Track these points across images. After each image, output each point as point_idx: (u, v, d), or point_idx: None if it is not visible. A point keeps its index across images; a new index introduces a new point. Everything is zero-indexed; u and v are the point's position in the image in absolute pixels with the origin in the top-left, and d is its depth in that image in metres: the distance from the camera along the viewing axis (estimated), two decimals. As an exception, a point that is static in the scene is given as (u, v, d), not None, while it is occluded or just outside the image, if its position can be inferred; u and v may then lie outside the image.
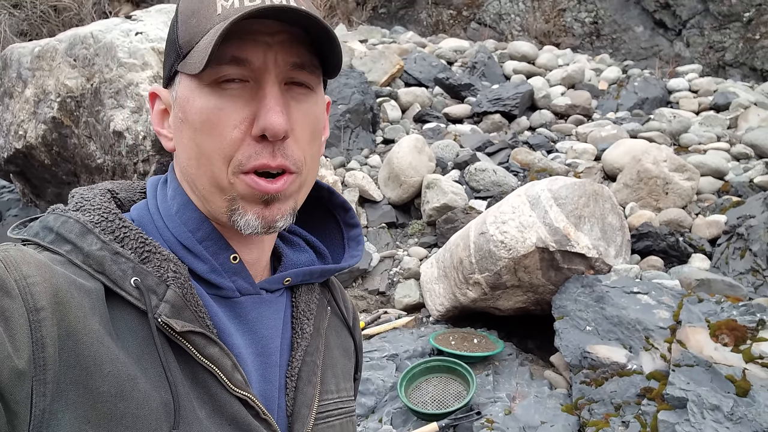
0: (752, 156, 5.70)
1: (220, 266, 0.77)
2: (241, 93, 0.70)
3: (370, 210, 5.51)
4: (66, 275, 0.63)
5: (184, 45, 0.72)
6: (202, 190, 0.74)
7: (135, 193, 0.84)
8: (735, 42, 10.27)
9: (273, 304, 0.82)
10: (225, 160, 0.70)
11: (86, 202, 0.73)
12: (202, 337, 0.69)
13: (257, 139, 0.70)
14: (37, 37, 12.98)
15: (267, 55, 0.69)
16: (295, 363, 0.81)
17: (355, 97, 6.53)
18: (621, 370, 3.05)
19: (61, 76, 3.96)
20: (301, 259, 0.90)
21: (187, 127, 0.72)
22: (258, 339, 0.78)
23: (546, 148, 6.33)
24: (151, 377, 0.65)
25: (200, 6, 0.71)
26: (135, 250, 0.70)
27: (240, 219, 0.72)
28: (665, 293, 3.35)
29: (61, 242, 0.68)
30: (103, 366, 0.61)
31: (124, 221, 0.72)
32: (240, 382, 0.71)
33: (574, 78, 8.11)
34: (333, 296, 0.94)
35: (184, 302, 0.69)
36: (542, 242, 3.53)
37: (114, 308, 0.66)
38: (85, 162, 4.04)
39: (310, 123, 0.75)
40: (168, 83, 0.77)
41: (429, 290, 4.29)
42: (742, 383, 2.68)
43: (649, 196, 4.73)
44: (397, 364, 3.61)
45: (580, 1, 12.09)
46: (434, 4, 13.67)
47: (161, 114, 0.80)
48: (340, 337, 0.94)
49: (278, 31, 0.70)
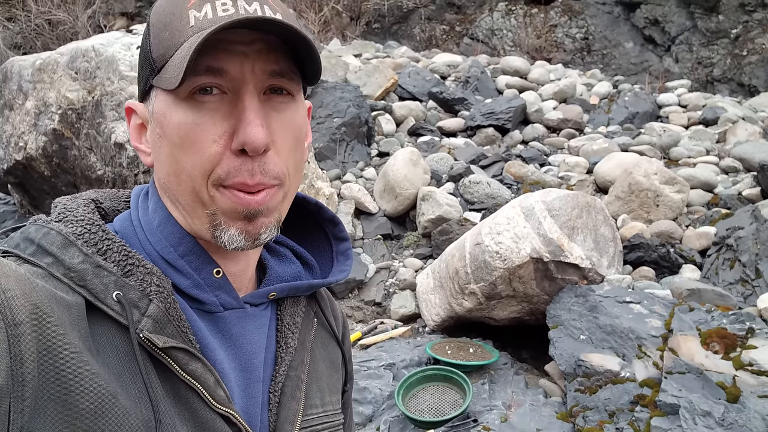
0: (741, 169, 5.81)
1: (202, 281, 0.75)
2: (219, 106, 0.68)
3: (366, 222, 5.57)
4: (46, 289, 0.61)
5: (157, 59, 0.69)
6: (184, 205, 0.73)
7: (119, 203, 0.82)
8: (723, 58, 10.46)
9: (257, 318, 0.81)
10: (204, 174, 0.69)
11: (69, 213, 0.72)
12: (184, 353, 0.68)
13: (237, 153, 0.68)
14: (30, 50, 13.02)
15: (244, 65, 0.68)
16: (279, 378, 0.80)
17: (351, 111, 6.61)
18: (614, 378, 3.11)
19: (63, 88, 4.02)
20: (287, 271, 0.88)
21: (166, 142, 0.70)
22: (241, 354, 0.77)
23: (539, 162, 6.42)
24: (131, 394, 0.64)
25: (172, 18, 0.69)
26: (118, 263, 0.69)
27: (223, 235, 0.71)
28: (657, 303, 3.42)
29: (42, 254, 0.66)
30: (82, 382, 0.59)
31: (107, 233, 0.71)
32: (222, 399, 0.70)
33: (566, 93, 8.23)
34: (320, 307, 0.93)
35: (167, 317, 0.68)
36: (536, 253, 3.59)
37: (95, 323, 0.65)
38: (86, 173, 4.08)
39: (291, 132, 0.73)
40: (144, 97, 0.75)
41: (425, 300, 4.34)
42: (732, 390, 2.74)
43: (641, 208, 4.82)
44: (394, 373, 3.65)
45: (571, 17, 12.28)
46: (427, 20, 13.83)
47: (138, 129, 0.78)
48: (327, 350, 0.93)
49: (254, 40, 0.68)
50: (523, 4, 12.90)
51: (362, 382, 3.55)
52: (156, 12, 0.71)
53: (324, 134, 6.35)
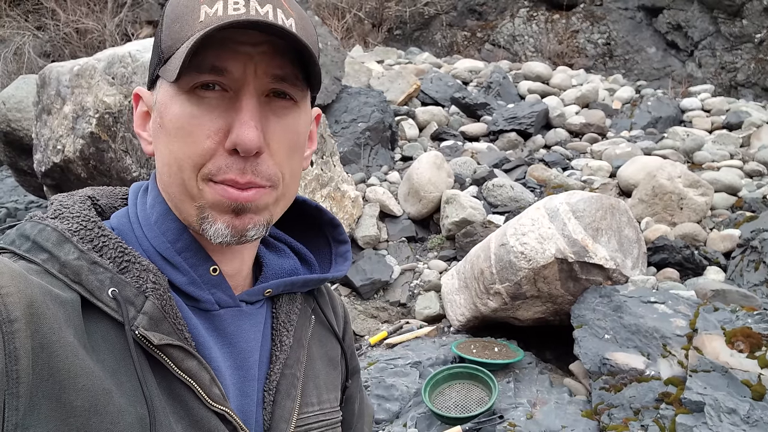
0: (765, 173, 5.81)
1: (199, 278, 0.75)
2: (218, 103, 0.68)
3: (391, 224, 5.65)
4: (41, 285, 0.61)
5: (165, 50, 0.71)
6: (174, 197, 0.73)
7: (116, 200, 0.82)
8: (747, 63, 10.40)
9: (253, 316, 0.81)
10: (195, 168, 0.69)
11: (65, 210, 0.72)
12: (180, 351, 0.68)
13: (230, 151, 0.69)
14: (59, 58, 13.32)
15: (247, 66, 0.68)
16: (273, 376, 0.80)
17: (375, 116, 6.71)
18: (639, 376, 3.15)
19: (100, 93, 4.16)
20: (283, 266, 0.88)
21: (163, 132, 0.71)
22: (237, 352, 0.77)
23: (561, 166, 6.46)
24: (126, 391, 0.64)
25: (185, 12, 0.70)
26: (114, 259, 0.69)
27: (209, 227, 0.71)
28: (681, 303, 3.46)
29: (38, 251, 0.66)
30: (77, 379, 0.59)
31: (103, 230, 0.71)
32: (218, 397, 0.70)
33: (588, 97, 8.26)
34: (318, 303, 0.93)
35: (162, 314, 0.68)
36: (561, 253, 3.65)
37: (90, 320, 0.64)
38: (121, 175, 4.22)
39: (289, 138, 0.73)
40: (151, 86, 0.76)
41: (450, 301, 4.41)
42: (757, 388, 2.78)
43: (664, 211, 4.84)
44: (420, 371, 3.72)
45: (592, 23, 12.29)
46: (449, 26, 13.92)
47: (143, 116, 0.79)
48: (325, 347, 0.93)
49: (261, 42, 0.68)
50: (544, 10, 12.94)
51: (389, 380, 3.62)
52: (171, 4, 0.73)
53: (349, 138, 6.46)
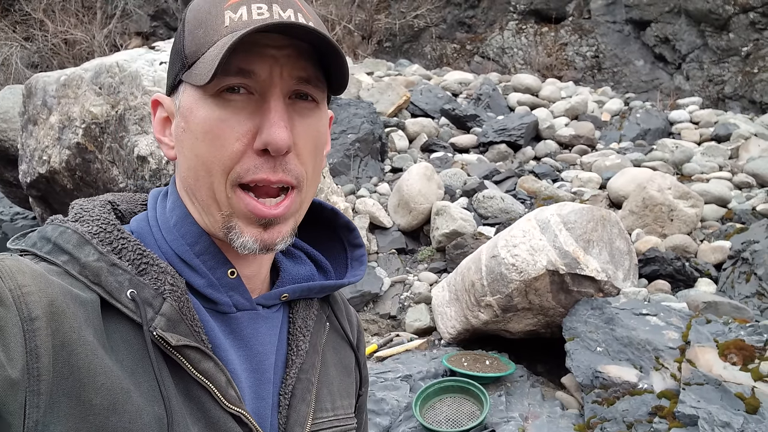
0: (754, 185, 5.83)
1: (217, 281, 0.76)
2: (245, 105, 0.69)
3: (380, 236, 5.61)
4: (61, 285, 0.62)
5: (190, 55, 0.71)
6: (200, 201, 0.74)
7: (136, 205, 0.84)
8: (734, 75, 10.50)
9: (269, 320, 0.82)
10: (224, 171, 0.70)
11: (85, 213, 0.73)
12: (197, 352, 0.69)
13: (259, 152, 0.70)
14: (47, 69, 13.23)
15: (273, 69, 0.69)
16: (289, 380, 0.80)
17: (365, 127, 6.69)
18: (632, 390, 3.12)
19: (87, 103, 4.12)
20: (300, 272, 0.89)
21: (189, 136, 0.72)
22: (253, 355, 0.78)
23: (551, 177, 6.47)
24: (144, 391, 0.64)
25: (208, 17, 0.71)
26: (132, 261, 0.70)
27: (237, 239, 0.72)
28: (674, 315, 3.44)
29: (58, 253, 0.67)
30: (96, 378, 0.60)
31: (122, 232, 0.72)
32: (234, 399, 0.71)
33: (578, 109, 8.29)
34: (333, 311, 0.93)
35: (180, 316, 0.69)
36: (552, 265, 3.62)
37: (109, 320, 0.66)
38: (108, 186, 4.17)
39: (313, 138, 0.74)
40: (171, 91, 0.77)
41: (440, 313, 4.36)
42: (751, 401, 2.75)
43: (655, 222, 4.84)
44: (411, 384, 3.67)
45: (581, 35, 12.38)
46: (438, 38, 13.98)
47: (163, 122, 0.79)
48: (339, 354, 0.93)
49: (285, 45, 0.70)
50: (533, 23, 13.03)
51: (379, 394, 3.57)
52: (192, 10, 0.74)
53: (338, 150, 6.43)
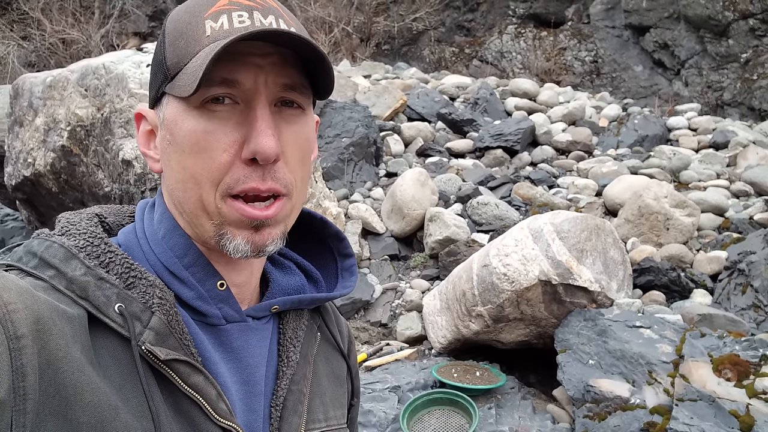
0: (752, 193, 5.76)
1: (206, 293, 0.75)
2: (230, 115, 0.68)
3: (373, 242, 5.53)
4: (48, 302, 0.61)
5: (172, 66, 0.70)
6: (189, 214, 0.73)
7: (124, 217, 0.83)
8: (733, 82, 10.44)
9: (259, 331, 0.81)
10: (213, 183, 0.69)
11: (72, 227, 0.72)
12: (186, 366, 0.68)
13: (247, 162, 0.69)
14: (44, 68, 13.17)
15: (258, 77, 0.68)
16: (280, 392, 0.79)
17: (359, 131, 6.62)
18: (624, 405, 3.04)
19: (72, 105, 4.04)
20: (290, 283, 0.88)
21: (175, 149, 0.71)
22: (243, 367, 0.77)
23: (547, 183, 6.40)
24: (132, 407, 0.64)
25: (188, 27, 0.70)
26: (120, 275, 0.69)
27: (229, 243, 0.71)
28: (668, 328, 3.36)
29: (45, 267, 0.66)
30: (83, 395, 0.59)
31: (109, 246, 0.71)
32: (224, 412, 0.70)
33: (575, 115, 8.22)
34: (324, 321, 0.92)
35: (168, 329, 0.68)
36: (545, 275, 3.55)
37: (97, 335, 0.65)
38: (93, 190, 4.09)
39: (300, 145, 0.74)
40: (154, 104, 0.75)
41: (431, 322, 4.29)
42: (746, 418, 2.68)
43: (650, 231, 4.77)
44: (399, 395, 3.59)
45: (580, 40, 12.32)
46: (437, 42, 13.93)
47: (147, 135, 0.78)
48: (331, 364, 0.92)
49: (269, 53, 0.69)
50: (532, 27, 12.97)
51: (367, 405, 3.49)
52: (172, 20, 0.73)
53: (332, 154, 6.35)
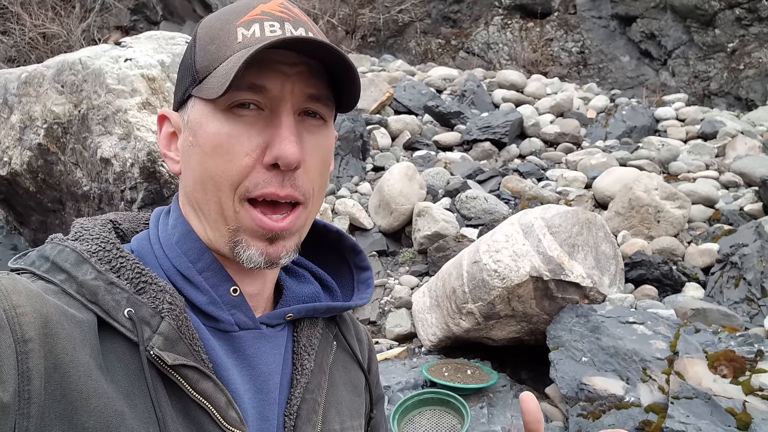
0: (741, 184, 5.73)
1: (219, 298, 0.75)
2: (255, 121, 0.70)
3: (361, 238, 5.45)
4: (57, 305, 0.61)
5: (201, 70, 0.72)
6: (207, 216, 0.73)
7: (138, 224, 0.83)
8: (720, 72, 10.43)
9: (273, 339, 0.80)
10: (232, 186, 0.70)
11: (85, 232, 0.72)
12: (195, 372, 0.67)
13: (268, 167, 0.70)
14: (25, 63, 12.92)
15: (285, 85, 0.70)
16: (294, 401, 0.78)
17: (346, 125, 6.52)
18: (618, 403, 2.99)
19: (48, 102, 3.90)
20: (304, 291, 0.87)
21: (197, 150, 0.72)
22: (257, 375, 0.76)
23: (536, 176, 6.33)
24: (139, 413, 0.63)
25: (220, 33, 0.72)
26: (131, 280, 0.69)
27: (243, 253, 0.72)
28: (661, 323, 3.31)
29: (56, 271, 0.66)
30: (89, 401, 0.59)
31: (121, 251, 0.71)
32: (234, 420, 0.69)
33: (563, 106, 8.16)
34: (341, 330, 0.91)
35: (178, 335, 0.67)
36: (536, 271, 3.48)
37: (106, 340, 0.64)
38: (71, 189, 3.96)
39: (321, 155, 0.75)
40: (179, 107, 0.77)
41: (421, 320, 4.22)
42: (742, 416, 2.63)
43: (641, 224, 4.72)
44: (389, 396, 3.52)
45: (566, 31, 12.26)
46: (423, 33, 13.81)
47: (169, 137, 0.79)
48: (349, 374, 0.91)
49: (297, 63, 0.70)
50: (518, 18, 12.89)
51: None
52: (204, 26, 0.75)
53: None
